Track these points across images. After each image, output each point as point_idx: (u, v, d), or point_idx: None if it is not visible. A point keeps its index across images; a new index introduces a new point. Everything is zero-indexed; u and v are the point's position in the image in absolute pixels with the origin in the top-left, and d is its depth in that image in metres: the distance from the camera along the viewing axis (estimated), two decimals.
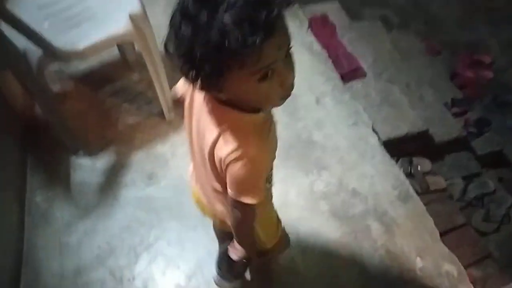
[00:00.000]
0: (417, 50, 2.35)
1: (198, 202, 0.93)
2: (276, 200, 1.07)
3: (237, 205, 0.70)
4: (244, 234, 0.82)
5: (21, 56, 1.18)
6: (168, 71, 1.51)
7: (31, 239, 1.31)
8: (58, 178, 1.46)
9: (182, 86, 0.76)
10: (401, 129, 1.64)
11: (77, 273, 1.24)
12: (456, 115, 1.97)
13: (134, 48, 1.73)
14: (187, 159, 1.47)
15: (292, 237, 1.26)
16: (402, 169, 1.58)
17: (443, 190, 1.60)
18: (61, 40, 1.19)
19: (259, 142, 0.66)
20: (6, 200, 1.32)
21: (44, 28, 1.25)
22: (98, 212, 1.38)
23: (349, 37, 2.03)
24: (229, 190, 0.69)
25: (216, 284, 1.07)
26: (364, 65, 1.89)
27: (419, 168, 1.61)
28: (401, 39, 2.38)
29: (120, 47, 1.76)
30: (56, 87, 1.73)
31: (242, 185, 0.67)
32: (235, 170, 0.65)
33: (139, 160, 1.51)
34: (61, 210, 1.38)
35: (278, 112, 1.62)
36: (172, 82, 1.58)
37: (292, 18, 1.97)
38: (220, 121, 0.65)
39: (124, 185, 1.44)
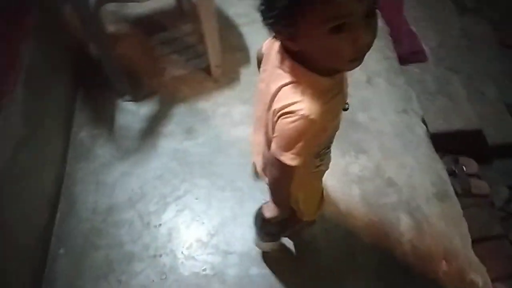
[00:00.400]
0: (488, 40, 2.15)
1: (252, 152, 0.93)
2: None
3: (276, 163, 0.70)
4: (279, 194, 0.82)
5: None
6: (221, 28, 1.49)
7: (72, 172, 1.39)
8: (104, 118, 1.52)
9: (264, 47, 0.77)
10: (453, 124, 1.54)
11: (108, 211, 1.31)
12: None
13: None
14: (227, 119, 1.50)
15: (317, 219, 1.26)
16: (445, 166, 1.51)
17: (486, 196, 1.51)
18: None
19: (318, 105, 0.64)
20: (53, 131, 1.39)
21: None
22: (136, 156, 1.42)
23: (415, 15, 1.89)
24: (272, 146, 0.69)
25: (255, 243, 1.13)
26: (426, 48, 1.76)
27: (464, 169, 1.52)
28: (473, 26, 2.18)
29: None
30: (110, 28, 1.75)
31: (287, 143, 0.67)
32: (284, 124, 0.65)
33: (181, 113, 1.53)
34: (103, 149, 1.44)
35: None
36: (224, 42, 1.57)
37: None
38: (286, 75, 0.66)
39: (163, 135, 1.48)
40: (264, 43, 0.77)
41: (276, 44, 0.69)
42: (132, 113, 1.53)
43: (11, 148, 1.09)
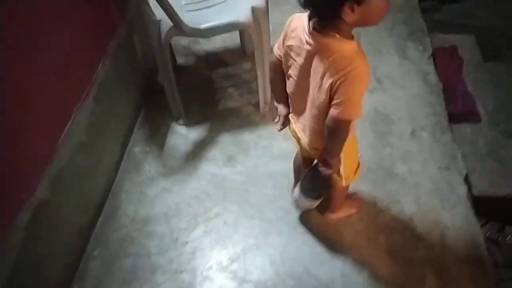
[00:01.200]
0: None
1: (296, 137, 1.10)
2: None
3: (340, 122, 0.88)
4: (338, 148, 0.97)
5: (156, 24, 1.39)
6: None
7: (120, 181, 1.53)
8: (157, 137, 1.67)
9: (278, 52, 0.98)
10: (502, 189, 1.46)
11: (144, 221, 1.42)
12: None
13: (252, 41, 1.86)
14: (267, 152, 1.57)
15: (338, 261, 1.25)
16: (488, 233, 1.41)
17: None
18: (189, 17, 1.36)
19: (363, 62, 0.82)
20: (112, 142, 1.56)
21: (181, 4, 1.45)
22: (178, 176, 1.54)
23: (474, 76, 1.86)
24: (335, 110, 0.86)
25: (296, 201, 1.20)
26: (482, 110, 1.71)
27: (508, 239, 1.41)
28: None
29: (241, 37, 1.92)
30: (180, 60, 1.97)
31: (350, 101, 0.85)
32: (347, 86, 0.82)
33: (225, 141, 1.64)
34: (151, 165, 1.58)
35: (366, 130, 1.60)
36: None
37: (415, 43, 1.90)
38: (329, 53, 0.83)
39: (206, 159, 1.58)
40: (274, 50, 1.00)
41: (300, 28, 0.87)
42: (183, 136, 1.67)
43: (73, 150, 1.26)
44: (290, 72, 0.96)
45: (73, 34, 1.26)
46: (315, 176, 1.05)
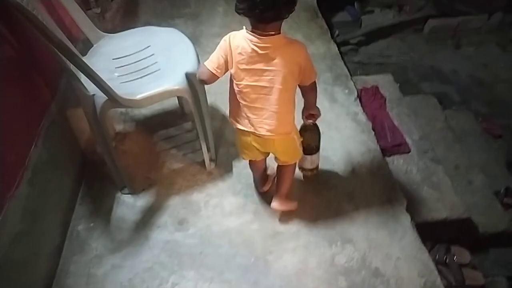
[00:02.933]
0: (473, 131, 2.27)
1: (254, 144, 1.30)
2: (295, 267, 1.40)
3: (313, 86, 1.24)
4: (316, 99, 1.33)
5: (90, 99, 1.37)
6: (214, 128, 1.64)
7: (65, 264, 1.43)
8: (102, 210, 1.60)
9: (217, 66, 1.18)
10: (440, 213, 1.58)
11: None
12: (507, 206, 1.83)
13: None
14: (218, 210, 1.56)
15: None
16: (437, 256, 1.50)
17: (481, 287, 1.47)
18: (124, 89, 1.36)
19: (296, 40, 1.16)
20: (53, 225, 1.46)
21: (114, 76, 1.45)
22: (128, 249, 1.47)
23: (398, 111, 2.04)
24: (309, 80, 1.20)
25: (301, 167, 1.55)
26: (410, 141, 1.87)
27: (455, 259, 1.51)
28: (458, 118, 2.33)
29: (179, 98, 1.95)
30: (119, 127, 1.94)
31: (313, 67, 1.18)
32: (309, 59, 1.15)
33: (175, 204, 1.61)
34: (97, 242, 1.49)
35: (310, 176, 1.64)
36: (220, 137, 1.72)
37: (341, 87, 2.06)
38: (286, 46, 1.11)
39: (157, 226, 1.54)
40: (206, 68, 1.20)
41: (242, 43, 1.11)
42: (129, 205, 1.62)
43: (7, 244, 1.16)
44: (244, 82, 1.16)
45: (2, 119, 1.21)
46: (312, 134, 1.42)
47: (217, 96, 1.97)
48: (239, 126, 1.27)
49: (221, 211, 1.58)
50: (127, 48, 1.55)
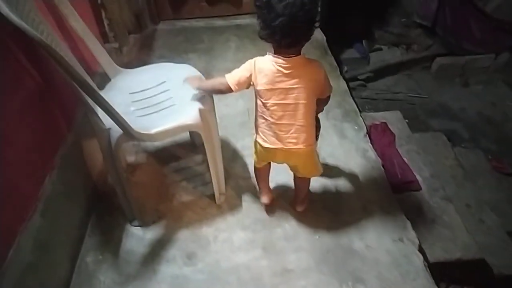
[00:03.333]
0: (484, 169, 2.26)
1: (277, 158, 1.44)
2: None
3: (328, 98, 1.39)
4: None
5: (106, 132, 1.40)
6: (224, 161, 1.66)
7: None
8: (111, 243, 1.60)
9: (239, 81, 1.30)
10: (453, 253, 1.55)
11: None
12: None
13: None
14: (227, 245, 1.55)
15: None
16: None
17: None
18: (139, 123, 1.39)
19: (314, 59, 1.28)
20: (62, 256, 1.46)
21: (130, 111, 1.49)
22: (136, 283, 1.45)
23: (407, 148, 2.05)
24: (325, 93, 1.34)
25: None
26: (420, 178, 1.87)
27: None
28: (468, 156, 2.32)
29: (191, 131, 1.98)
30: (131, 158, 1.97)
31: (329, 84, 1.32)
32: (326, 76, 1.28)
33: (184, 237, 1.60)
34: (105, 275, 1.48)
35: (320, 211, 1.65)
36: (230, 171, 1.74)
37: (351, 123, 2.08)
38: (307, 65, 1.24)
39: (165, 260, 1.52)
40: (226, 81, 1.31)
41: (268, 66, 1.24)
42: (138, 238, 1.61)
43: (17, 275, 1.16)
44: (272, 101, 1.27)
45: (18, 150, 1.24)
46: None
47: (228, 129, 2.01)
48: (266, 145, 1.36)
49: (230, 246, 1.57)
50: (143, 83, 1.59)
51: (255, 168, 1.59)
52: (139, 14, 2.77)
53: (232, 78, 1.30)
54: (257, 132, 1.40)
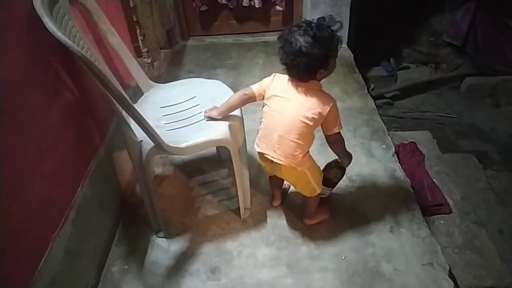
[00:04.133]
0: None
1: (267, 167, 1.50)
2: None
3: (336, 136, 1.36)
4: (344, 150, 1.47)
5: (138, 145, 1.44)
6: (250, 176, 1.66)
7: None
8: (137, 253, 1.62)
9: (258, 90, 1.39)
10: (485, 281, 1.49)
11: None
12: None
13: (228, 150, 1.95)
14: (251, 261, 1.54)
15: None
16: None
17: None
18: (170, 137, 1.42)
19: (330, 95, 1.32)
20: (89, 265, 1.48)
21: (161, 124, 1.52)
22: None
23: (437, 169, 2.01)
24: (330, 130, 1.34)
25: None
26: (451, 201, 1.81)
27: None
28: (499, 179, 2.25)
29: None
30: (158, 170, 2.00)
31: (337, 121, 1.32)
32: (334, 114, 1.30)
33: (208, 251, 1.61)
34: (130, 285, 1.49)
35: (347, 230, 1.62)
36: (255, 186, 1.74)
37: (378, 142, 2.06)
38: (313, 88, 1.29)
39: (189, 273, 1.53)
40: (251, 89, 1.41)
41: (283, 81, 1.34)
42: (163, 249, 1.63)
43: (47, 283, 1.18)
44: (273, 106, 1.34)
45: (55, 160, 1.28)
46: (338, 171, 1.59)
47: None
48: (257, 149, 1.44)
49: (254, 262, 1.56)
50: (174, 98, 1.63)
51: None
52: (170, 30, 2.86)
53: (257, 87, 1.40)
54: (256, 140, 1.47)
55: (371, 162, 1.95)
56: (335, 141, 1.40)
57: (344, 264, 1.51)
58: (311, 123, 1.29)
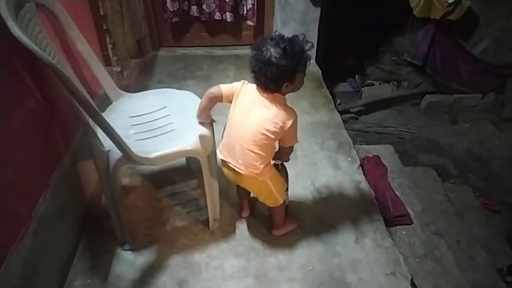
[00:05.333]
0: (473, 206, 2.30)
1: (229, 175, 1.50)
2: None
3: (290, 148, 1.44)
4: (288, 157, 1.51)
5: (105, 154, 1.40)
6: (220, 188, 1.66)
7: None
8: (101, 266, 1.56)
9: (226, 91, 1.40)
10: None
11: None
12: (511, 285, 1.81)
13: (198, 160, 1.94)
14: (219, 273, 1.53)
15: None
16: None
17: None
18: (139, 147, 1.40)
19: (293, 111, 1.34)
20: (49, 280, 1.41)
21: (129, 134, 1.50)
22: None
23: (399, 182, 2.09)
24: (287, 143, 1.40)
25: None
26: (412, 212, 1.89)
27: None
28: (457, 192, 2.37)
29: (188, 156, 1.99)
30: (125, 180, 1.96)
31: (295, 136, 1.37)
32: (294, 128, 1.33)
33: (176, 264, 1.58)
34: None
35: (314, 241, 1.64)
36: (225, 198, 1.74)
37: (344, 155, 2.12)
38: (275, 105, 1.31)
39: (155, 287, 1.49)
40: (220, 89, 1.41)
41: (250, 90, 1.36)
42: (129, 262, 1.58)
43: None
44: (236, 116, 1.37)
45: (15, 169, 1.23)
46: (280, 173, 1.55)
47: None
48: (220, 156, 1.47)
49: (222, 274, 1.55)
50: (144, 107, 1.62)
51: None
52: (141, 39, 2.83)
53: (225, 89, 1.41)
54: (219, 147, 1.49)
55: (338, 174, 2.00)
56: (287, 152, 1.46)
57: (311, 275, 1.53)
58: (272, 136, 1.32)
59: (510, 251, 2.04)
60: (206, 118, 1.50)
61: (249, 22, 2.95)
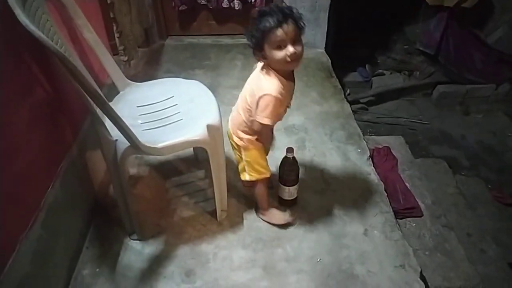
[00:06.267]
0: (485, 198, 2.26)
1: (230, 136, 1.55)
2: None
3: (258, 124, 1.35)
4: (264, 137, 1.48)
5: (112, 144, 1.40)
6: (228, 178, 1.65)
7: None
8: (109, 255, 1.57)
9: None
10: (453, 282, 1.54)
11: None
12: None
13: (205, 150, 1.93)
14: (226, 263, 1.53)
15: None
16: None
17: None
18: (146, 136, 1.39)
19: (277, 90, 1.29)
20: (59, 268, 1.43)
21: (137, 123, 1.49)
22: None
23: (409, 174, 2.06)
24: (254, 115, 1.34)
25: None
26: (422, 204, 1.87)
27: None
28: (468, 184, 2.33)
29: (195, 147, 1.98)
30: (133, 170, 1.96)
31: (263, 112, 1.31)
32: (264, 102, 1.29)
33: (183, 254, 1.58)
34: None
35: (322, 233, 1.63)
36: (232, 188, 1.73)
37: (354, 146, 2.09)
38: (263, 77, 1.32)
39: (163, 276, 1.50)
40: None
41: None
42: (137, 252, 1.59)
43: (14, 287, 1.13)
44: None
45: (24, 158, 1.23)
46: (291, 167, 1.60)
47: None
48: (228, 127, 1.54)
49: (230, 265, 1.55)
50: (151, 97, 1.60)
51: None
52: (148, 28, 2.81)
53: None
54: None
55: (347, 166, 1.98)
56: (257, 128, 1.41)
57: (319, 267, 1.52)
58: (249, 107, 1.37)
59: None
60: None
61: None
